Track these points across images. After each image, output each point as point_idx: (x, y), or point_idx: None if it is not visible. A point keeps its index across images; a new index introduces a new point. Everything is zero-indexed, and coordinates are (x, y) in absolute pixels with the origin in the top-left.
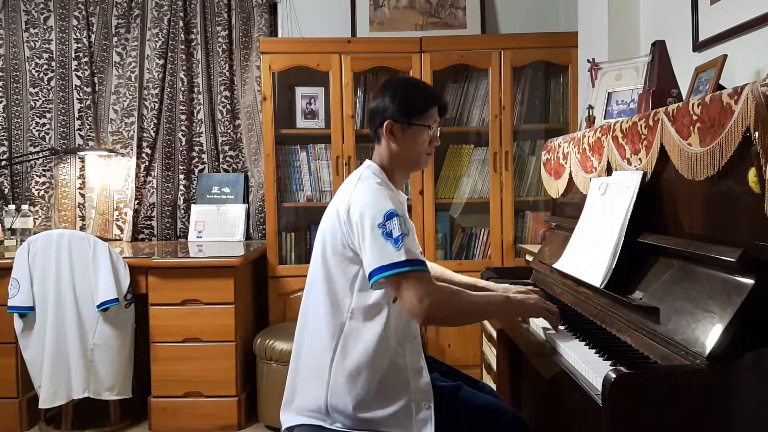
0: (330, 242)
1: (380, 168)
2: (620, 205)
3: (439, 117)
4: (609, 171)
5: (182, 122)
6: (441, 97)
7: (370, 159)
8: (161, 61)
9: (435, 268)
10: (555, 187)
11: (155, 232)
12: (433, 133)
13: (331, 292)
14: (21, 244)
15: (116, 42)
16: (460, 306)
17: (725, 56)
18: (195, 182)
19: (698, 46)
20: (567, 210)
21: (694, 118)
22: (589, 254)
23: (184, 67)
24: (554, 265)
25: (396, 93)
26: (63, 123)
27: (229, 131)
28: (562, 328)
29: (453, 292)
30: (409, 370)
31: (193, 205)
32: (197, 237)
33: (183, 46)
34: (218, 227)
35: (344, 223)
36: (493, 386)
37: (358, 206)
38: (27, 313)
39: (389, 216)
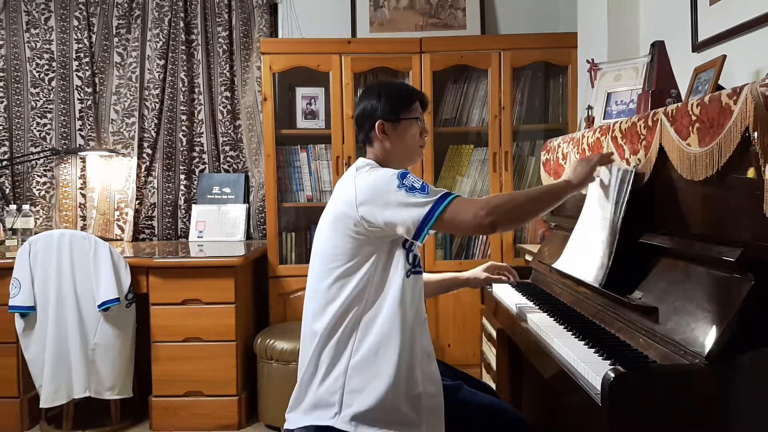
0: (333, 239)
1: (376, 163)
2: (616, 203)
3: (422, 110)
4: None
5: (183, 122)
6: (420, 90)
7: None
8: (162, 62)
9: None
10: None
11: (156, 232)
12: (421, 124)
13: (334, 292)
14: (22, 244)
15: (117, 42)
16: (507, 202)
17: (724, 56)
18: (196, 182)
19: (697, 47)
20: (566, 210)
21: (693, 118)
22: (588, 254)
23: (185, 68)
24: (553, 265)
25: (380, 94)
26: (64, 123)
27: (229, 131)
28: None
29: (495, 195)
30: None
31: (193, 205)
32: (198, 237)
33: (183, 47)
34: (219, 227)
35: (357, 208)
36: (493, 386)
37: (368, 188)
38: (28, 312)
39: (402, 175)
